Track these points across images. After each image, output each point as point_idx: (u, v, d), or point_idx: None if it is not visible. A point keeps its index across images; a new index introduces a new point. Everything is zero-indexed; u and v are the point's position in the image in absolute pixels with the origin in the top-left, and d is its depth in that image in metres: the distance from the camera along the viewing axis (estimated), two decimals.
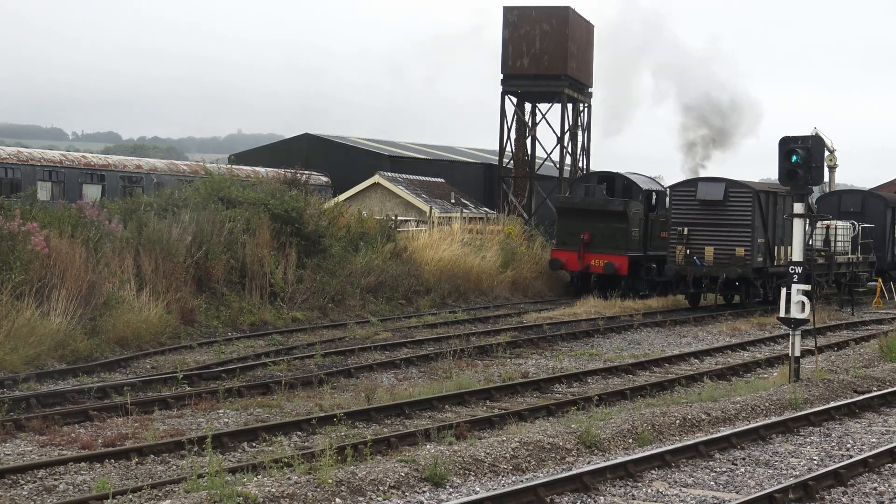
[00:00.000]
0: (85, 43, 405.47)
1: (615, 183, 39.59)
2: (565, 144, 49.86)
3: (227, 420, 16.85)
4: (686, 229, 34.75)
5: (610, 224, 37.59)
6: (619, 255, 37.30)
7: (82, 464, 13.81)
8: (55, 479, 13.17)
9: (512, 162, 51.04)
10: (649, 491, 12.65)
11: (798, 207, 20.05)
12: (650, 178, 41.78)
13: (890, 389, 19.34)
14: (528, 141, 50.89)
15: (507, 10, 48.25)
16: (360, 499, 11.75)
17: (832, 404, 17.85)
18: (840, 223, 39.18)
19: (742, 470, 13.77)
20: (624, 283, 37.63)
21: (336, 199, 43.70)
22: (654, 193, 39.32)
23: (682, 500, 12.28)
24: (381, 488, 12.04)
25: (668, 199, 38.87)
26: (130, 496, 12.25)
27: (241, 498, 10.98)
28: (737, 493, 12.67)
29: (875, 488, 13.01)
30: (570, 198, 39.46)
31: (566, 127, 49.62)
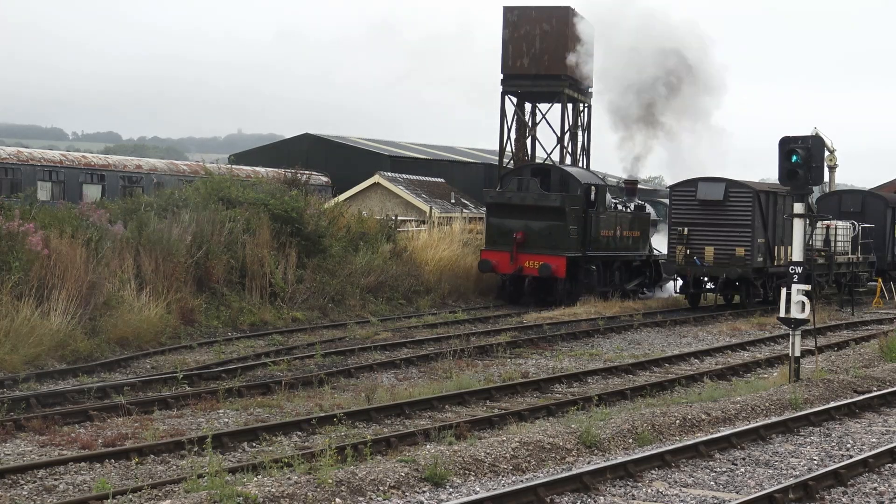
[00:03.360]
0: (85, 45, 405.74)
1: (551, 176, 36.30)
2: (565, 144, 49.86)
3: (227, 420, 16.85)
4: (686, 229, 34.73)
5: (545, 222, 34.60)
6: (556, 255, 34.20)
7: (82, 464, 13.81)
8: (55, 479, 13.17)
9: (512, 162, 51.03)
10: (649, 491, 12.65)
11: (798, 207, 20.06)
12: (589, 171, 39.46)
13: (890, 389, 19.34)
14: (529, 141, 50.90)
15: (507, 10, 48.23)
16: (360, 499, 11.76)
17: (832, 404, 17.85)
18: (840, 223, 39.19)
19: (742, 470, 13.78)
20: (561, 286, 34.67)
21: (336, 199, 43.72)
22: (593, 187, 36.19)
23: (682, 500, 12.28)
24: (381, 488, 12.04)
25: (608, 195, 37.12)
26: (130, 496, 12.25)
27: (241, 498, 10.98)
28: (737, 493, 12.68)
29: (875, 488, 13.02)
30: (501, 192, 35.94)
31: (566, 127, 49.62)
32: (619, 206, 38.12)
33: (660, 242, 41.14)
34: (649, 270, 39.24)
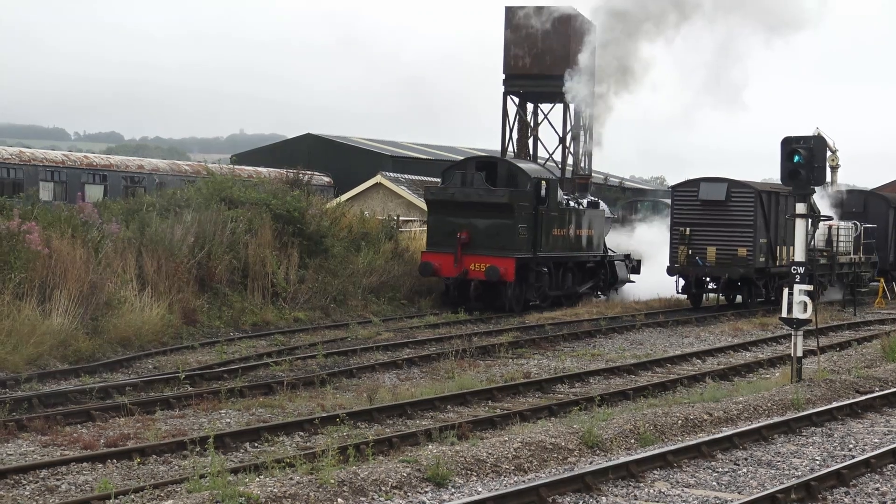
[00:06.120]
0: (89, 51, 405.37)
1: (497, 170, 33.43)
2: (567, 145, 49.81)
3: (229, 420, 16.84)
4: (688, 229, 34.72)
5: (492, 220, 31.93)
6: (505, 257, 31.55)
7: (84, 464, 13.80)
8: (57, 480, 13.17)
9: None
10: (651, 491, 12.64)
11: (800, 208, 20.05)
12: (540, 164, 37.72)
13: (892, 389, 19.32)
14: (531, 141, 50.85)
15: (509, 11, 48.19)
16: (363, 499, 11.75)
17: (834, 404, 17.84)
18: (842, 223, 39.17)
19: (744, 470, 13.77)
20: (511, 291, 32.17)
21: (338, 199, 43.72)
22: (544, 182, 33.16)
23: (684, 501, 12.27)
24: (383, 488, 12.03)
25: (560, 191, 34.67)
26: (132, 496, 12.24)
27: (244, 498, 10.98)
28: (739, 493, 12.67)
29: (877, 489, 13.01)
30: (444, 188, 33.17)
31: (568, 127, 49.56)
32: (572, 203, 35.47)
33: (615, 241, 39.95)
34: (604, 272, 36.98)
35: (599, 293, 37.52)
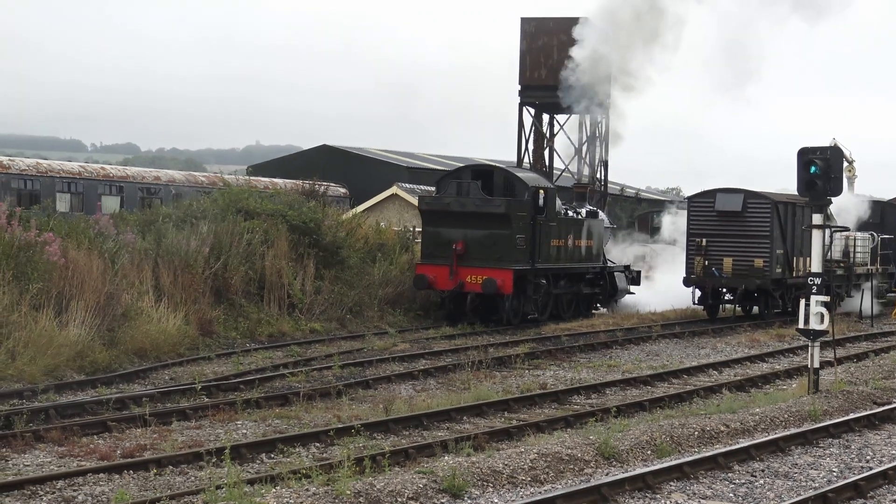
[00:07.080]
0: (105, 61, 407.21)
1: (493, 179, 32.15)
2: (583, 156, 49.82)
3: (245, 431, 16.86)
4: (704, 240, 34.65)
5: (489, 230, 30.88)
6: (502, 268, 30.47)
7: (101, 475, 13.83)
8: (74, 490, 13.19)
9: None
10: (668, 503, 12.62)
11: (817, 218, 20.00)
12: (537, 173, 36.95)
13: None
14: (546, 152, 50.89)
15: (525, 22, 48.23)
16: None
17: (851, 416, 17.79)
18: (859, 234, 39.06)
19: (761, 482, 13.73)
20: (508, 304, 31.12)
21: (354, 210, 43.79)
22: (542, 191, 31.86)
23: None
24: (399, 500, 12.03)
25: (558, 200, 33.54)
26: None
27: None
28: None
29: (895, 500, 12.96)
30: (439, 198, 32.08)
31: (584, 138, 49.56)
32: (570, 213, 34.36)
33: (615, 252, 39.44)
34: (604, 283, 35.79)
35: (598, 305, 36.83)
